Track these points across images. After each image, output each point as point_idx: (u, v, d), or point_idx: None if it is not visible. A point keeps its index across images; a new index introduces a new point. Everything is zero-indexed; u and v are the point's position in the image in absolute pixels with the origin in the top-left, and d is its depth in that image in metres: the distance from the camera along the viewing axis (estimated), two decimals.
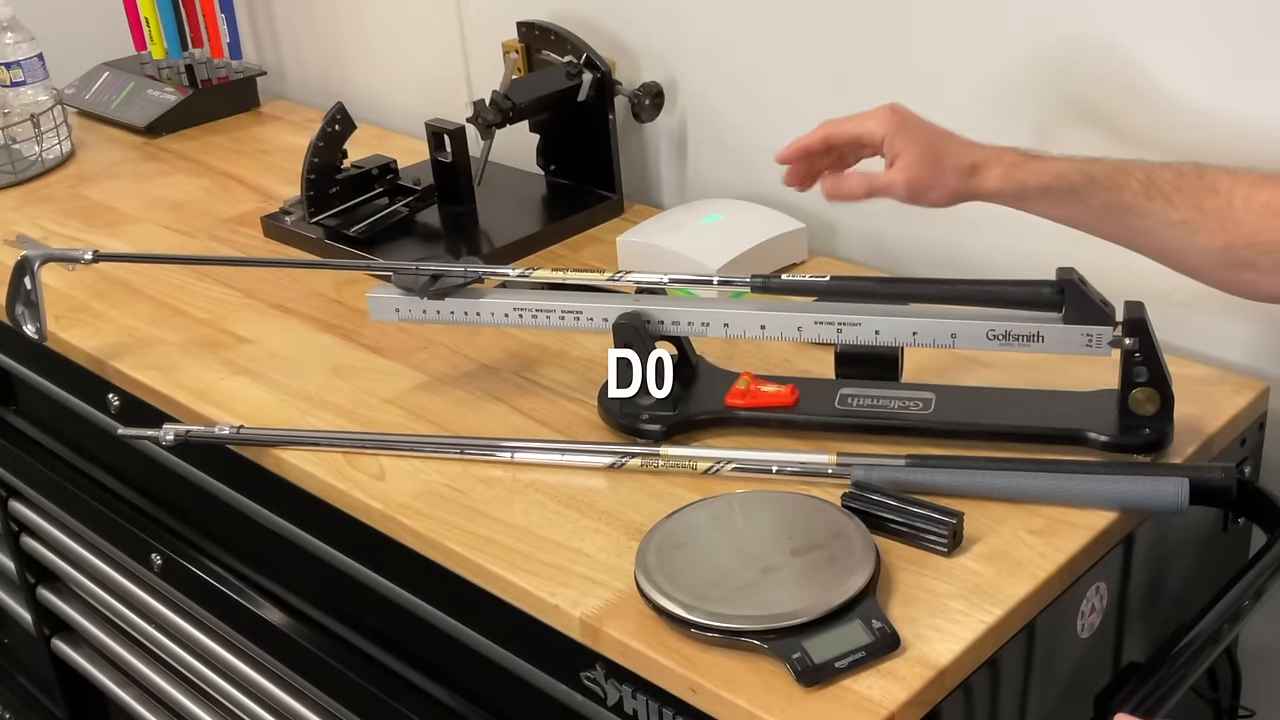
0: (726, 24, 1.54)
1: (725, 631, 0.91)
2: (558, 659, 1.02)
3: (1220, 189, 1.00)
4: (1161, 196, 1.02)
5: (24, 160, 1.88)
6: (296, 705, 1.34)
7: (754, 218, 1.48)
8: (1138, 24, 1.20)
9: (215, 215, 1.71)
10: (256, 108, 2.08)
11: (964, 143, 1.09)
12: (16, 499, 1.70)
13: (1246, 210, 0.99)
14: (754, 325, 1.14)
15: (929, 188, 1.07)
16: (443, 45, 1.84)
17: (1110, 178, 1.03)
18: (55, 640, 1.78)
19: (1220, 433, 1.13)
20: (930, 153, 1.07)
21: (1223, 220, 1.00)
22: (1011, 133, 1.13)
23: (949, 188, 1.07)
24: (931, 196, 1.08)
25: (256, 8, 2.16)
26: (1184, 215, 1.01)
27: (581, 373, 1.27)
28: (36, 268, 1.34)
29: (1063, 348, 1.06)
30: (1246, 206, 0.99)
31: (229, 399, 1.27)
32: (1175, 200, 1.01)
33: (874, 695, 0.87)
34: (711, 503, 1.04)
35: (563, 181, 1.68)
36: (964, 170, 1.07)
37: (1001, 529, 1.01)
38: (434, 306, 1.21)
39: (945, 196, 1.08)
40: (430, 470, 1.14)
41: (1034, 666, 1.00)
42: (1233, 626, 1.02)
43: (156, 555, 1.45)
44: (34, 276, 1.34)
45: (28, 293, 1.35)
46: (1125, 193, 1.03)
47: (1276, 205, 0.98)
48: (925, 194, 1.08)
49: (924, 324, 1.09)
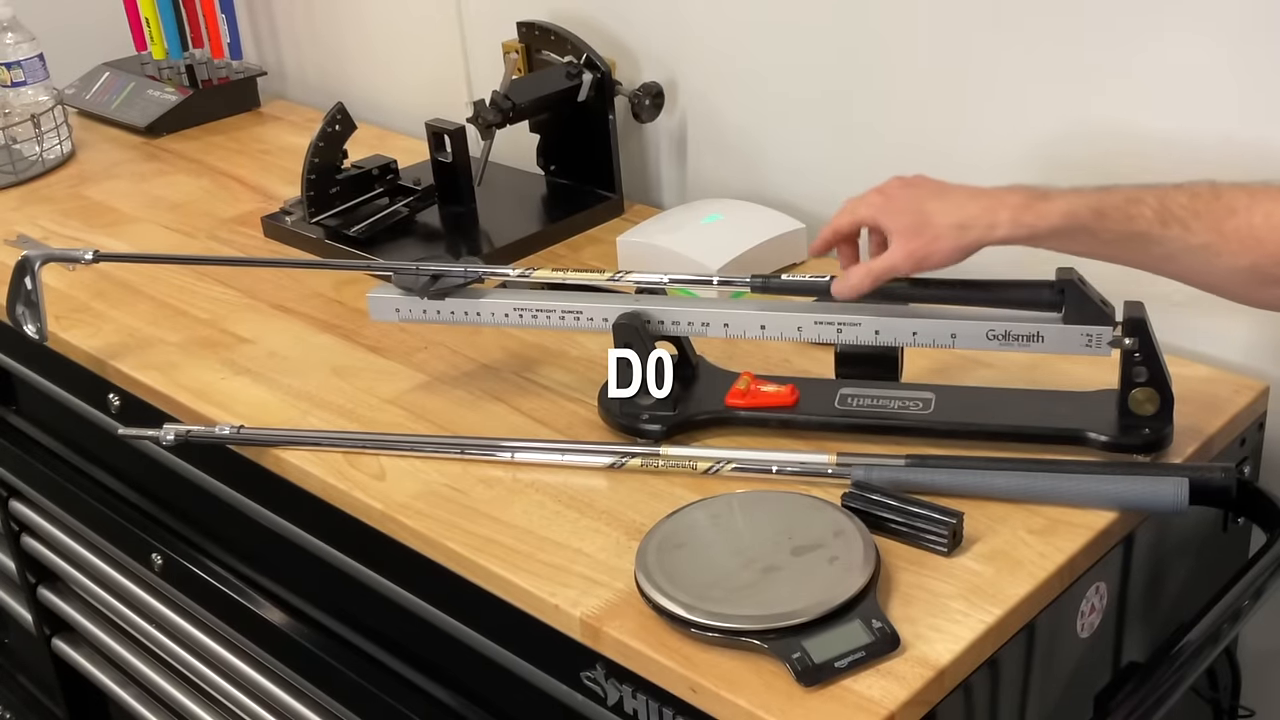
0: (726, 24, 1.54)
1: (725, 631, 0.91)
2: (558, 659, 1.02)
3: (1239, 208, 0.97)
4: (1177, 223, 0.98)
5: (24, 160, 1.88)
6: (296, 705, 1.34)
7: (754, 218, 1.48)
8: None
9: (215, 215, 1.71)
10: (257, 108, 2.08)
11: (961, 197, 1.05)
12: (17, 499, 1.70)
13: (1269, 228, 0.96)
14: (754, 325, 1.14)
15: (928, 254, 1.04)
16: (443, 45, 1.84)
17: (1122, 209, 1.00)
18: (56, 640, 1.78)
19: (1220, 433, 1.13)
20: (918, 220, 1.04)
21: (1244, 241, 0.97)
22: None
23: (948, 248, 1.04)
24: (935, 261, 1.04)
25: (257, 8, 2.16)
26: (1203, 240, 0.98)
27: (581, 373, 1.27)
28: (37, 268, 1.34)
29: (1062, 348, 1.06)
30: (1269, 224, 0.96)
31: (229, 399, 1.27)
32: (1192, 225, 0.98)
33: (874, 695, 0.87)
34: (711, 503, 1.04)
35: (563, 181, 1.68)
36: (960, 225, 1.03)
37: (1001, 529, 1.01)
38: (434, 306, 1.21)
39: (949, 256, 1.04)
40: (430, 470, 1.14)
41: (1034, 666, 1.00)
42: (1232, 626, 1.02)
43: (157, 555, 1.45)
44: (34, 276, 1.34)
45: (28, 293, 1.35)
46: (1139, 222, 0.99)
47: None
48: (927, 261, 1.05)
49: (924, 324, 1.09)
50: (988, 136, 1.35)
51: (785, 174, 1.53)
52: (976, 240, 1.03)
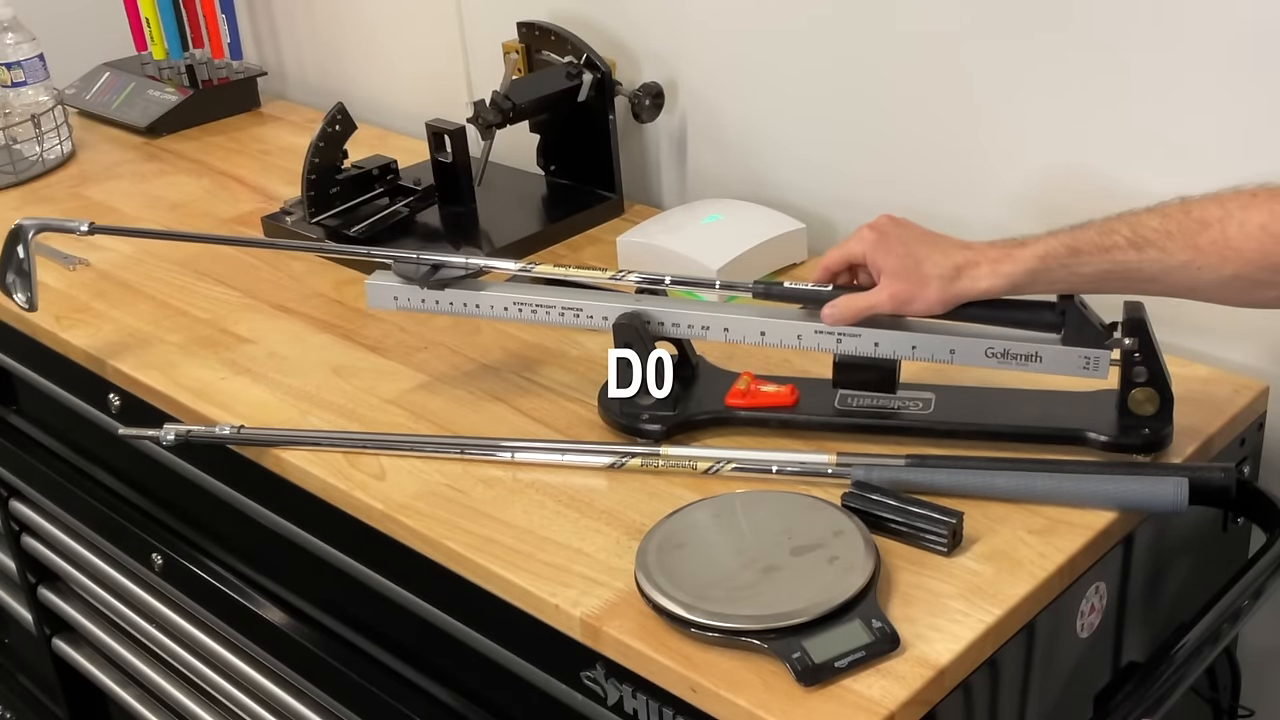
0: (726, 24, 1.54)
1: (725, 631, 0.91)
2: (558, 659, 1.02)
3: (1211, 221, 0.97)
4: (1153, 246, 0.99)
5: (25, 160, 1.88)
6: (296, 705, 1.34)
7: (754, 218, 1.48)
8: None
9: (216, 215, 1.71)
10: (257, 108, 2.08)
11: (948, 246, 1.06)
12: (17, 499, 1.70)
13: (1244, 236, 0.96)
14: (754, 331, 1.14)
15: (912, 298, 1.05)
16: (443, 45, 1.84)
17: (1096, 242, 1.01)
18: (56, 640, 1.78)
19: (1220, 433, 1.13)
20: (909, 263, 1.05)
21: (1222, 253, 0.97)
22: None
23: (933, 296, 1.05)
24: (917, 307, 1.06)
25: (257, 8, 2.16)
26: (1182, 259, 0.98)
27: (582, 373, 1.27)
28: (30, 236, 1.32)
29: (1060, 369, 1.06)
30: (1243, 233, 0.96)
31: (229, 399, 1.28)
32: (1168, 246, 0.99)
33: (874, 695, 0.87)
34: (711, 503, 1.04)
35: (563, 181, 1.68)
36: (947, 276, 1.04)
37: (1001, 529, 1.01)
38: (433, 297, 1.21)
39: (932, 304, 1.05)
40: (431, 470, 1.14)
41: (1034, 666, 1.00)
42: (1232, 626, 1.02)
43: (157, 555, 1.45)
44: (27, 245, 1.32)
45: (20, 261, 1.32)
46: (1115, 252, 1.00)
47: (1274, 227, 0.95)
48: (910, 304, 1.06)
49: (923, 339, 1.09)
50: (988, 134, 1.35)
51: (785, 174, 1.53)
52: (962, 292, 1.04)
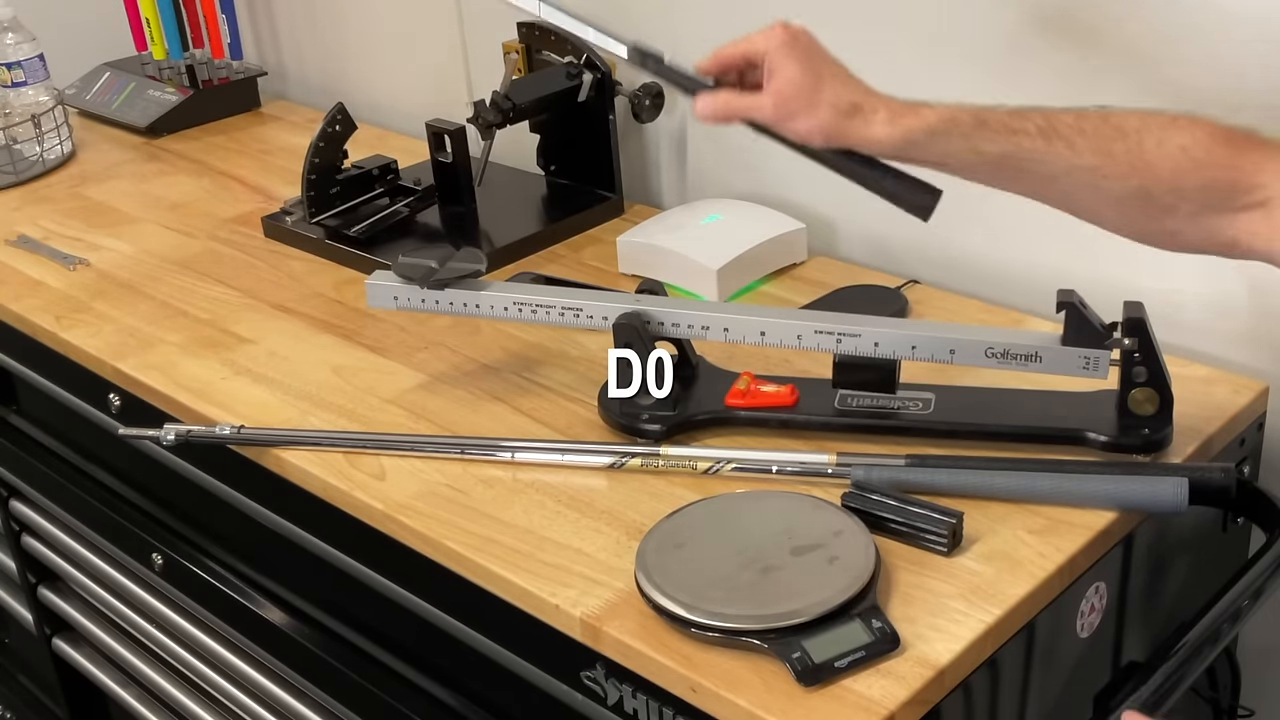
0: (726, 24, 1.53)
1: (725, 631, 0.91)
2: (558, 659, 1.02)
3: (1129, 131, 0.94)
4: (1061, 139, 0.95)
5: (25, 160, 1.88)
6: (296, 705, 1.34)
7: (754, 218, 1.48)
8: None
9: (216, 215, 1.71)
10: (257, 108, 2.08)
11: (855, 83, 1.01)
12: (17, 499, 1.70)
13: (1161, 154, 0.93)
14: (754, 331, 1.14)
15: (797, 114, 1.00)
16: (443, 45, 1.84)
17: (1004, 122, 0.97)
18: (56, 640, 1.78)
19: (1220, 433, 1.13)
20: (808, 79, 1.00)
21: (1134, 164, 0.93)
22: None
23: (821, 122, 0.99)
24: (800, 126, 1.00)
25: (257, 8, 2.16)
26: (1089, 161, 0.94)
27: (581, 373, 1.27)
28: None
29: (1060, 369, 1.06)
30: (1161, 150, 0.93)
31: (229, 399, 1.28)
32: (1077, 144, 0.94)
33: (874, 695, 0.87)
34: (711, 502, 1.04)
35: (563, 182, 1.68)
36: (843, 108, 0.99)
37: (1001, 529, 1.01)
38: (433, 296, 1.21)
39: (816, 130, 1.00)
40: (431, 470, 1.14)
41: (1034, 666, 1.00)
42: (1232, 626, 1.02)
43: (157, 555, 1.45)
44: None
45: None
46: (1021, 137, 0.96)
47: (1196, 151, 0.92)
48: (793, 120, 1.00)
49: (923, 338, 1.09)
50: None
51: (785, 174, 1.53)
52: (851, 132, 0.99)
